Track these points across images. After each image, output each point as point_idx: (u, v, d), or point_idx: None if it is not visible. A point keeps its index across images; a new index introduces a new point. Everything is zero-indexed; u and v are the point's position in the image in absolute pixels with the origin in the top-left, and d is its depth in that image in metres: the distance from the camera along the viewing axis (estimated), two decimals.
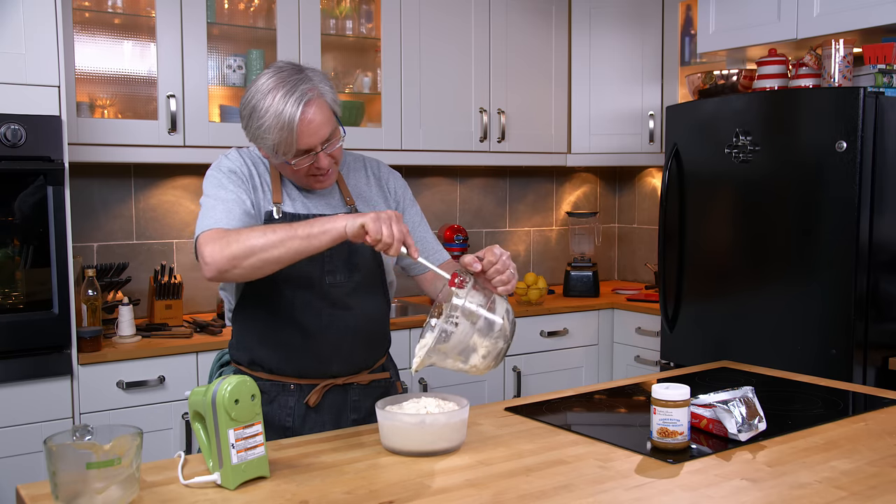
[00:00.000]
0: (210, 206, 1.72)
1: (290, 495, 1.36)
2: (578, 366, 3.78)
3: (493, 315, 1.60)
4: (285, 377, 1.84)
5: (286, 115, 1.67)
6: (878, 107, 2.69)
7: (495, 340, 1.60)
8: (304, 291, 1.80)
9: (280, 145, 1.70)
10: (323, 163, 1.74)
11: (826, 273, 2.78)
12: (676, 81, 3.86)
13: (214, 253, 1.60)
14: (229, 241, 1.59)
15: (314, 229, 1.56)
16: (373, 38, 3.56)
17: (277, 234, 1.57)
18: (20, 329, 2.53)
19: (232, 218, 1.69)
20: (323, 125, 1.71)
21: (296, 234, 1.57)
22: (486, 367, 1.62)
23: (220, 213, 1.69)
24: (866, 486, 1.39)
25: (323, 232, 1.56)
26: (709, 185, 3.19)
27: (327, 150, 1.74)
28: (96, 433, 1.33)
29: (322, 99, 1.72)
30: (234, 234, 1.60)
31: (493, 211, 4.25)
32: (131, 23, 3.14)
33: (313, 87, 1.71)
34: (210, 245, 1.61)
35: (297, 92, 1.68)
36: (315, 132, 1.70)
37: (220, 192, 1.74)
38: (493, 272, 1.63)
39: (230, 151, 1.86)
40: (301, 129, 1.68)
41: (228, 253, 1.59)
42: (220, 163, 1.83)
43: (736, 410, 1.63)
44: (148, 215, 3.35)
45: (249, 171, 1.82)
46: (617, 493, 1.37)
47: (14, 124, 2.49)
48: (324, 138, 1.73)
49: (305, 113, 1.68)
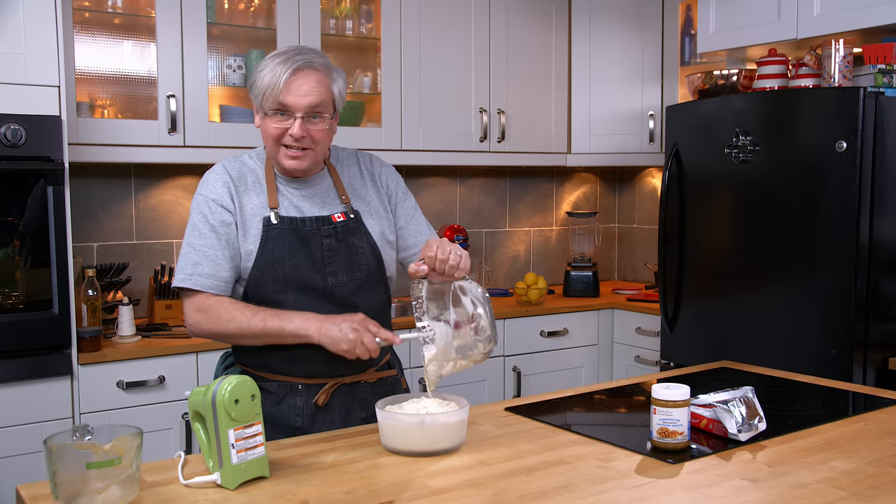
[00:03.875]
0: (185, 252, 1.81)
1: (290, 495, 1.36)
2: (578, 366, 3.78)
3: (458, 308, 1.64)
4: (293, 377, 1.84)
5: (282, 67, 1.76)
6: (878, 107, 2.69)
7: (475, 323, 1.64)
8: (308, 294, 1.80)
9: (267, 91, 1.76)
10: (296, 129, 1.77)
11: (826, 273, 2.78)
12: (676, 81, 3.86)
13: (194, 323, 1.79)
14: (209, 320, 1.76)
15: (285, 330, 1.70)
16: (373, 38, 3.56)
17: (252, 326, 1.72)
18: (20, 329, 2.53)
19: (202, 271, 1.77)
20: (313, 92, 1.77)
21: (267, 331, 1.71)
22: (486, 348, 1.66)
23: (191, 266, 1.78)
24: (866, 486, 1.39)
25: (294, 335, 1.70)
26: (709, 185, 3.19)
27: (308, 123, 1.77)
28: (96, 433, 1.33)
29: (322, 76, 1.79)
30: (214, 313, 1.75)
31: (493, 211, 4.26)
32: (131, 23, 3.14)
33: (324, 65, 1.81)
34: (192, 313, 1.79)
35: (301, 58, 1.78)
36: (303, 94, 1.76)
37: (195, 240, 1.80)
38: (439, 265, 1.64)
39: (216, 166, 1.88)
40: (289, 82, 1.75)
41: (204, 331, 1.78)
42: (204, 186, 1.85)
43: (736, 410, 1.63)
44: (148, 215, 3.35)
45: (236, 187, 1.83)
46: (617, 493, 1.37)
47: (14, 124, 2.49)
48: (308, 106, 1.76)
49: (301, 71, 1.76)
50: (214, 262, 1.78)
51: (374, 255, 1.88)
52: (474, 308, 1.64)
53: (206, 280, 1.77)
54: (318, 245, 1.82)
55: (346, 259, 1.84)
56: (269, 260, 1.79)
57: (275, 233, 1.80)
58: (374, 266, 1.88)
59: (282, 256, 1.79)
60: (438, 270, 1.64)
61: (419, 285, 1.64)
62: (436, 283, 1.65)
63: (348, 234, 1.86)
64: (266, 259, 1.79)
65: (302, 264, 1.80)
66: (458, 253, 1.65)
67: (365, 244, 1.87)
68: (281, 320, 1.70)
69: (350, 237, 1.86)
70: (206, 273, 1.77)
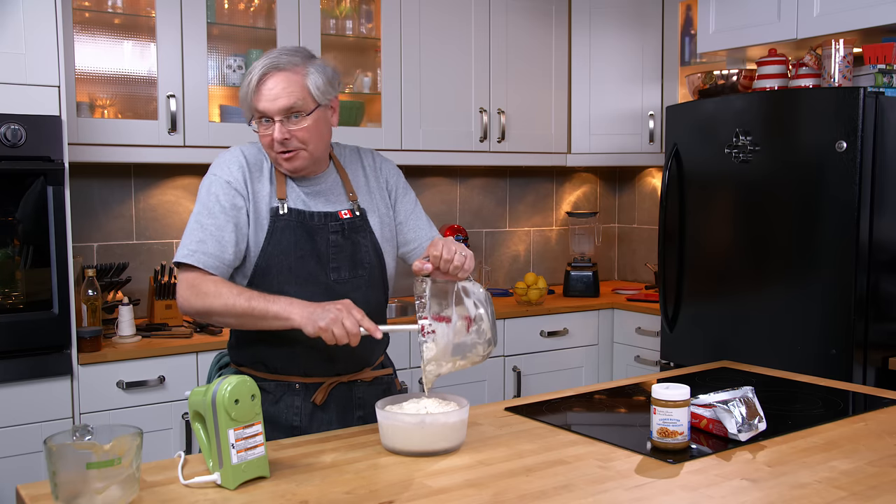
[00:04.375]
0: (192, 229, 1.79)
1: (290, 495, 1.36)
2: (578, 366, 3.78)
3: (460, 308, 1.64)
4: (290, 376, 1.84)
5: (253, 73, 1.77)
6: (878, 107, 2.69)
7: (477, 325, 1.64)
8: (309, 287, 1.80)
9: (244, 103, 1.80)
10: (276, 133, 1.76)
11: (826, 273, 2.78)
12: (676, 81, 3.86)
13: (183, 300, 1.76)
14: (198, 295, 1.73)
15: (269, 311, 1.67)
16: (373, 38, 3.56)
17: (237, 304, 1.68)
18: (20, 329, 2.53)
19: (206, 249, 1.75)
20: (283, 94, 1.76)
21: (252, 310, 1.68)
22: (486, 351, 1.66)
23: (195, 243, 1.76)
24: (866, 486, 1.39)
25: (276, 316, 1.67)
26: (709, 185, 3.19)
27: (287, 124, 1.76)
28: (96, 433, 1.33)
29: (297, 75, 1.77)
30: (203, 289, 1.72)
31: (493, 211, 4.25)
32: (131, 23, 3.14)
33: (297, 63, 1.78)
34: (183, 289, 1.76)
35: (271, 60, 1.77)
36: (273, 98, 1.75)
37: (204, 218, 1.78)
38: (444, 264, 1.63)
39: (234, 149, 1.87)
40: (259, 90, 1.76)
41: (192, 307, 1.75)
42: (219, 167, 1.83)
43: (736, 410, 1.63)
44: (148, 215, 3.35)
45: (250, 172, 1.82)
46: (617, 493, 1.37)
47: (14, 124, 2.48)
48: (282, 109, 1.75)
49: (270, 76, 1.76)
50: (220, 243, 1.76)
51: (377, 253, 1.89)
52: (477, 309, 1.64)
53: (209, 259, 1.75)
54: (325, 240, 1.82)
55: (351, 256, 1.84)
56: (276, 251, 1.79)
57: (282, 224, 1.80)
58: (376, 265, 1.89)
59: (288, 248, 1.79)
60: (443, 270, 1.64)
61: (423, 283, 1.64)
62: (439, 281, 1.65)
63: (354, 231, 1.86)
64: (273, 250, 1.79)
65: (307, 257, 1.80)
66: (464, 253, 1.65)
67: (369, 243, 1.88)
68: (266, 301, 1.68)
69: (355, 235, 1.86)
70: (209, 252, 1.75)
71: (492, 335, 1.65)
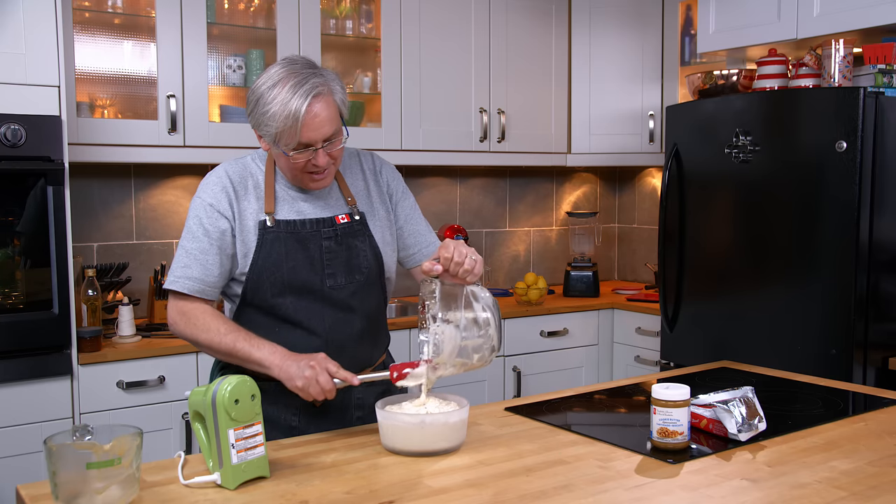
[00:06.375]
0: (178, 254, 1.81)
1: (290, 495, 1.36)
2: (578, 366, 3.78)
3: (469, 312, 1.63)
4: None
5: (293, 105, 1.68)
6: (878, 107, 2.69)
7: (484, 330, 1.63)
8: (306, 296, 1.80)
9: (282, 135, 1.71)
10: (321, 160, 1.75)
11: (826, 273, 2.78)
12: (676, 81, 3.86)
13: (173, 323, 1.81)
14: (187, 324, 1.78)
15: (252, 357, 1.71)
16: (373, 38, 3.56)
17: (222, 343, 1.73)
18: (20, 329, 2.53)
19: (190, 274, 1.78)
20: (327, 122, 1.72)
21: (235, 352, 1.72)
22: (490, 357, 1.66)
23: (180, 269, 1.79)
24: (866, 486, 1.39)
25: (258, 363, 1.70)
26: (709, 185, 3.19)
27: (328, 148, 1.75)
28: (96, 433, 1.33)
29: (331, 97, 1.74)
30: (192, 318, 1.77)
31: (493, 211, 4.26)
32: (131, 23, 3.14)
33: (325, 83, 1.73)
34: (173, 314, 1.80)
35: (308, 84, 1.70)
36: (319, 127, 1.71)
37: (188, 243, 1.80)
38: (454, 267, 1.62)
39: (218, 169, 1.86)
40: (306, 122, 1.69)
41: (181, 333, 1.80)
42: (203, 189, 1.83)
43: (736, 410, 1.63)
44: (148, 215, 3.35)
45: (235, 192, 1.81)
46: (617, 493, 1.37)
47: (14, 124, 2.49)
48: (326, 136, 1.73)
49: (312, 106, 1.69)
50: (204, 267, 1.78)
51: (376, 257, 1.88)
52: (484, 314, 1.63)
53: (194, 284, 1.77)
54: (318, 247, 1.82)
55: (346, 261, 1.84)
56: (266, 263, 1.78)
57: (271, 236, 1.79)
58: (375, 268, 1.88)
59: (279, 260, 1.79)
60: (452, 272, 1.62)
61: (432, 284, 1.63)
62: (448, 284, 1.64)
63: (350, 236, 1.85)
64: (263, 263, 1.78)
65: (300, 267, 1.80)
66: (474, 258, 1.64)
67: (367, 246, 1.87)
68: (251, 345, 1.71)
69: (351, 239, 1.85)
70: (194, 277, 1.77)
71: (497, 341, 1.64)
